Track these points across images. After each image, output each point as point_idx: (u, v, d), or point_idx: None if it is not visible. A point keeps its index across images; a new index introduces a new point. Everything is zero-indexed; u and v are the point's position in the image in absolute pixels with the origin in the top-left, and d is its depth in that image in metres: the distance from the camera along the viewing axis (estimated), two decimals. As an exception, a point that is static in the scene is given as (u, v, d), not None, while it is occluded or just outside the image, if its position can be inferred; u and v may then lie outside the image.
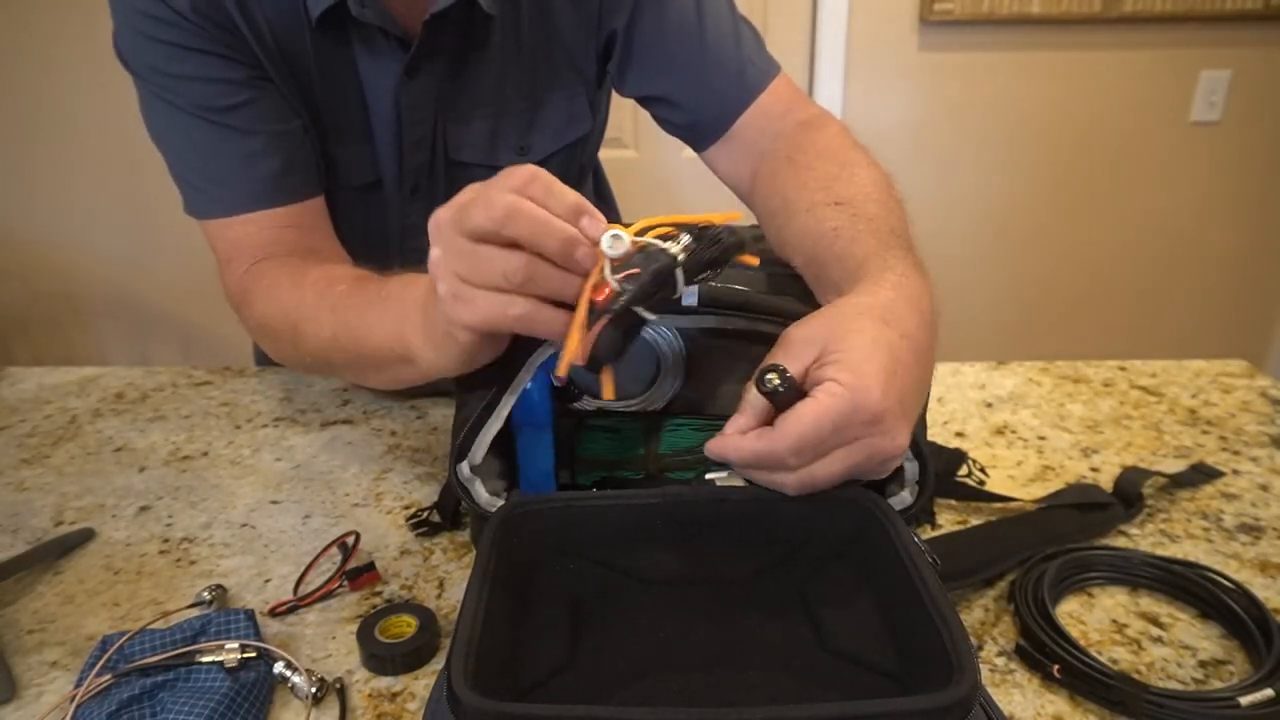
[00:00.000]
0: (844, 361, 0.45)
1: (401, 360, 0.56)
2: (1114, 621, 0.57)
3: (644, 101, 0.80)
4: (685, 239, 0.44)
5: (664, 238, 0.44)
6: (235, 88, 0.68)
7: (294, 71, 0.71)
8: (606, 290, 0.43)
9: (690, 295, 0.58)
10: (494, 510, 0.53)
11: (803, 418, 0.44)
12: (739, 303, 0.58)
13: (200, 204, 0.72)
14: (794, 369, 0.46)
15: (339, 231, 0.77)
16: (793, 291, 0.61)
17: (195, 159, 0.70)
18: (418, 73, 0.71)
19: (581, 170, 0.89)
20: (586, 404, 0.67)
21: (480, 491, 0.59)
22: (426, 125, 0.75)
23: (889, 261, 0.55)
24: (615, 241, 0.42)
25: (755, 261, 0.50)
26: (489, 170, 0.81)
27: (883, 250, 0.56)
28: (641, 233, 0.44)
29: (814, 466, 0.45)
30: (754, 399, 0.48)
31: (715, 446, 0.48)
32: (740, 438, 0.47)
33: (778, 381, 0.45)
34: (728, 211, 0.48)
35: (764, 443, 0.46)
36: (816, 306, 0.56)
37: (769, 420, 0.47)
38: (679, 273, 0.43)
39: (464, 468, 0.58)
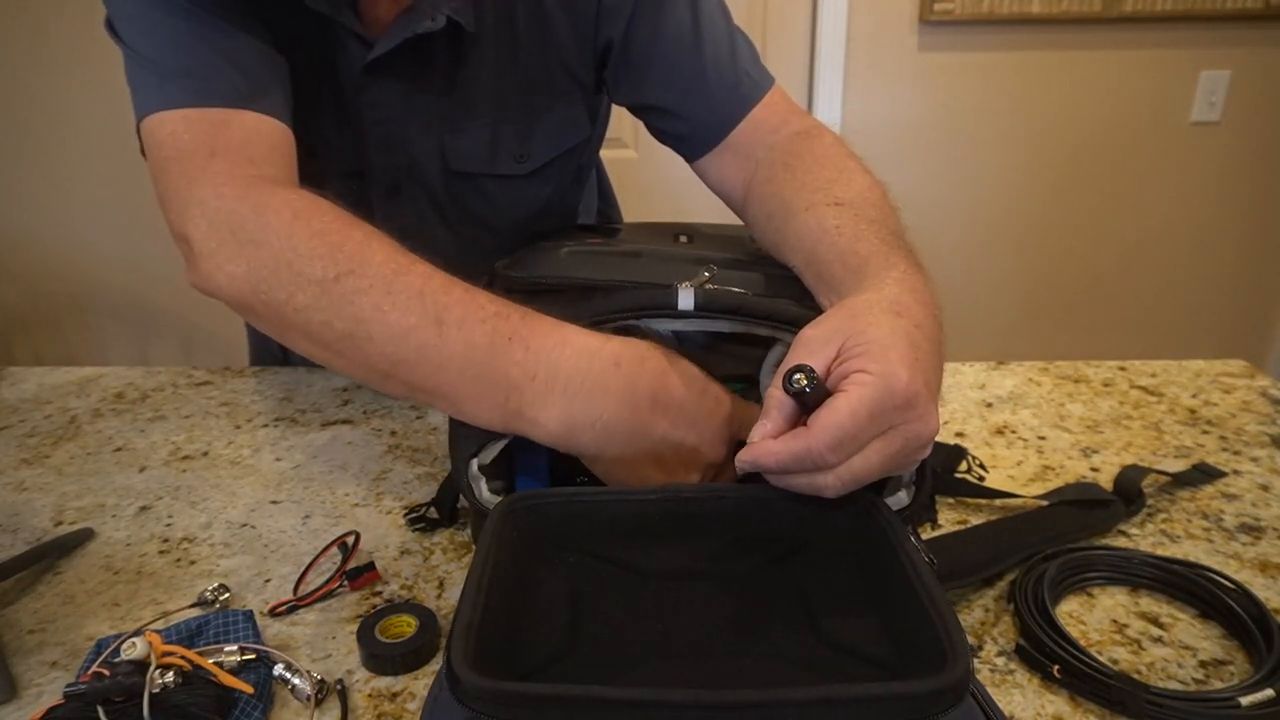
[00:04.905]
0: (868, 352, 0.45)
1: (502, 408, 0.53)
2: (1114, 621, 0.57)
3: (638, 110, 0.80)
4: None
5: None
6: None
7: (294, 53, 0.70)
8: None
9: (687, 298, 0.58)
10: (493, 507, 0.53)
11: (837, 410, 0.44)
12: (735, 306, 0.58)
13: (187, 91, 0.62)
14: (816, 368, 0.46)
15: None
16: (790, 293, 0.61)
17: (201, 47, 0.62)
18: (378, 75, 0.71)
19: (580, 171, 0.89)
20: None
21: (482, 489, 0.59)
22: (394, 126, 0.74)
23: (891, 260, 0.55)
24: None
25: None
26: (491, 179, 0.81)
27: (885, 249, 0.57)
28: None
29: (853, 461, 0.45)
30: (781, 402, 0.47)
31: (746, 455, 0.47)
32: (773, 442, 0.46)
33: (805, 382, 0.45)
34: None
35: (800, 442, 0.45)
36: (814, 308, 0.57)
37: (796, 423, 0.46)
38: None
39: (473, 465, 0.58)
